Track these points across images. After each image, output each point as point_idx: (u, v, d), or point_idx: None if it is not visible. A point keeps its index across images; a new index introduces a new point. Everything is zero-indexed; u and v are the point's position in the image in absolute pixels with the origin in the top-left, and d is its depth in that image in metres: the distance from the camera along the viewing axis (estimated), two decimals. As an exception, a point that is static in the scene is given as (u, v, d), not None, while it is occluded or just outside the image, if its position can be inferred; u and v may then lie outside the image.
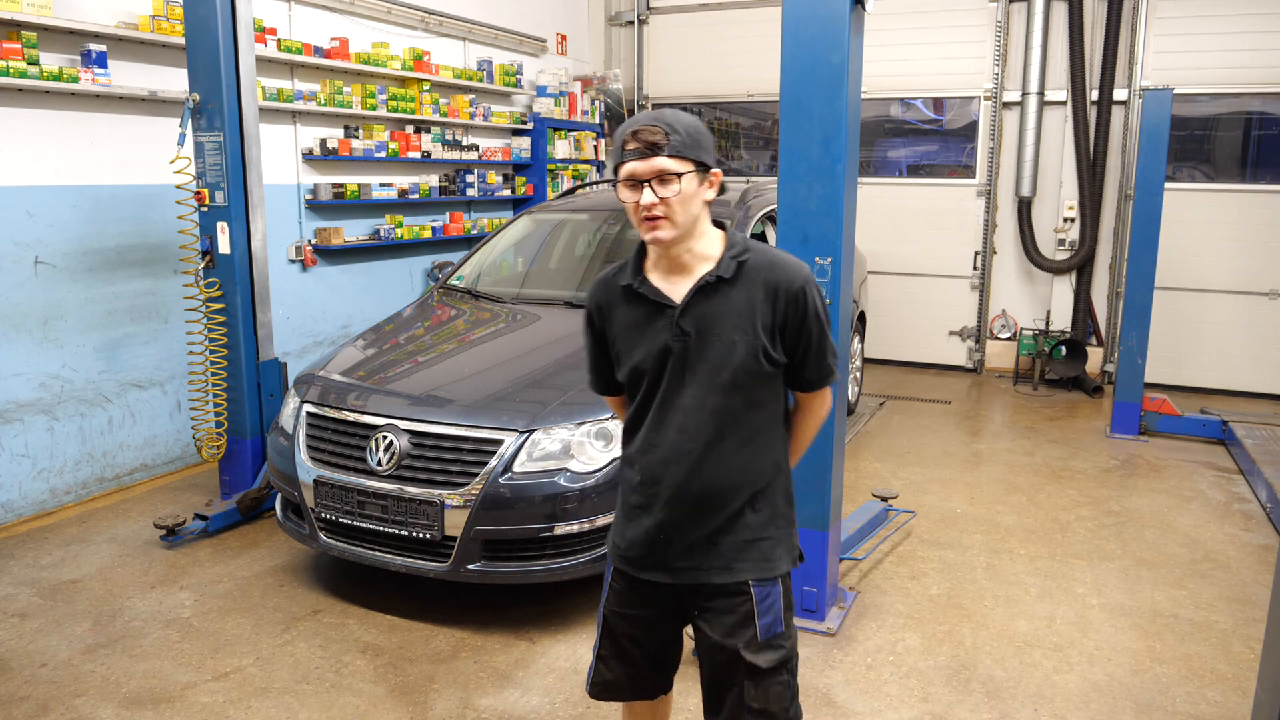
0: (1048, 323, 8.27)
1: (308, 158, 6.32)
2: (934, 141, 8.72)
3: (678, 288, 2.00)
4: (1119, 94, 7.87)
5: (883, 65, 8.13)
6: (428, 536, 3.60)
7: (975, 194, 8.48)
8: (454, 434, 3.68)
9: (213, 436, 4.77)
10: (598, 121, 9.32)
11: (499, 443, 3.62)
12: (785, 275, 1.98)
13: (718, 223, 2.06)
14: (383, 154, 6.75)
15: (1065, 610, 3.95)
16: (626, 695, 2.24)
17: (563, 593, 3.98)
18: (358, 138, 6.62)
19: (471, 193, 7.76)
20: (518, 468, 3.59)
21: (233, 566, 4.28)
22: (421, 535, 3.61)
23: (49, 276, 4.82)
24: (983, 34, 8.25)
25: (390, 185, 6.90)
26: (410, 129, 7.15)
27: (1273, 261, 7.57)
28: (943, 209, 8.60)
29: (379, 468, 3.69)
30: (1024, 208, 8.21)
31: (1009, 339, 8.53)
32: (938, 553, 4.52)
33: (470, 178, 7.74)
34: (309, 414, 4.01)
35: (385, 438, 3.71)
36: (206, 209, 4.69)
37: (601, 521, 3.62)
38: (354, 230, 6.82)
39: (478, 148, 7.84)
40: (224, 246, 4.70)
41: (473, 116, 7.70)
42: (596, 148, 9.28)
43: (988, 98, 8.31)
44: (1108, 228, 8.10)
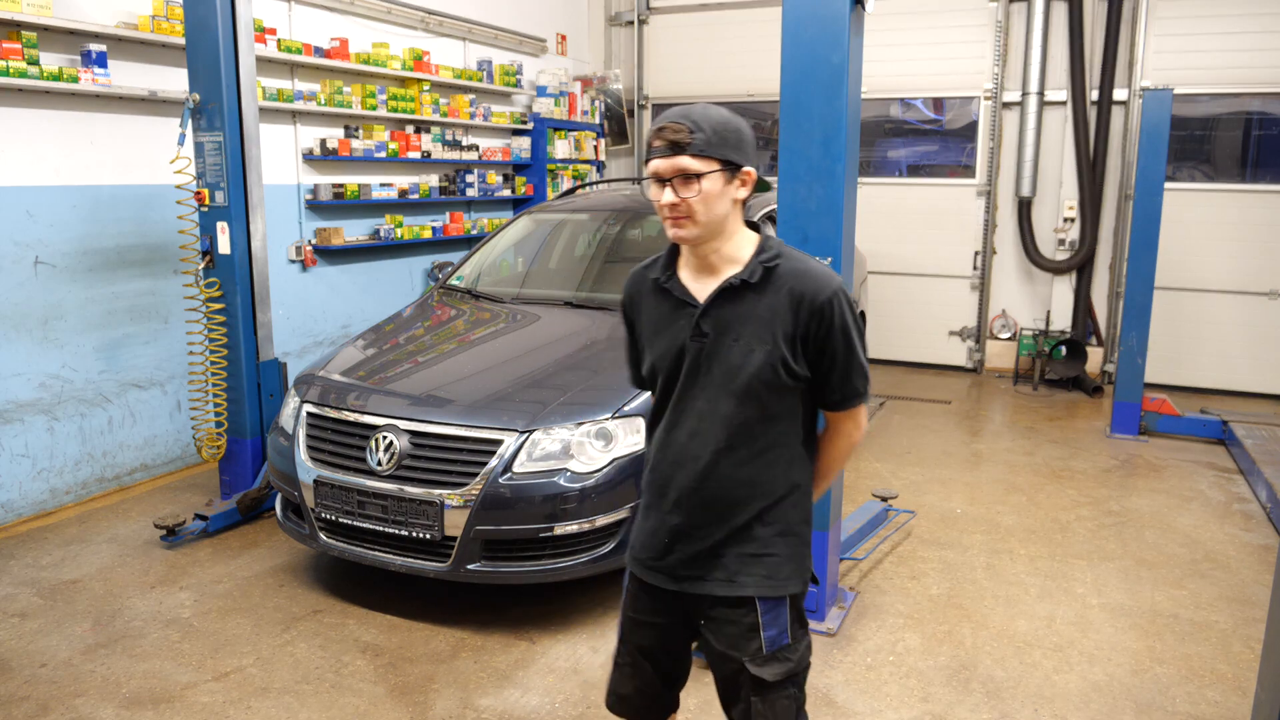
0: (1048, 323, 8.27)
1: (308, 158, 6.33)
2: (934, 141, 8.72)
3: (704, 288, 1.95)
4: (1119, 94, 7.87)
5: (883, 65, 8.13)
6: (428, 536, 3.60)
7: (975, 194, 8.48)
8: (454, 434, 3.69)
9: (213, 436, 4.77)
10: (598, 121, 9.32)
11: (499, 443, 3.62)
12: (813, 285, 1.90)
13: (753, 224, 1.99)
14: (383, 154, 6.75)
15: (1065, 610, 3.95)
16: (637, 713, 2.17)
17: (563, 593, 3.98)
18: (358, 138, 6.62)
19: (471, 193, 7.76)
20: (518, 468, 3.59)
21: (233, 566, 4.28)
22: (421, 535, 3.61)
23: (49, 276, 4.82)
24: (983, 34, 8.25)
25: (390, 185, 6.90)
26: (410, 129, 7.15)
27: (1273, 261, 7.57)
28: (943, 209, 8.60)
29: (379, 468, 3.69)
30: (1024, 208, 8.21)
31: (1009, 339, 8.53)
32: (938, 553, 4.52)
33: (470, 178, 7.74)
34: (309, 414, 4.02)
35: (385, 438, 3.71)
36: (206, 209, 4.70)
37: (601, 521, 3.63)
38: (354, 230, 6.82)
39: (478, 148, 7.84)
40: (224, 246, 4.70)
41: (473, 116, 7.70)
42: (596, 148, 9.28)
43: (988, 98, 8.31)
44: (1108, 228, 8.10)
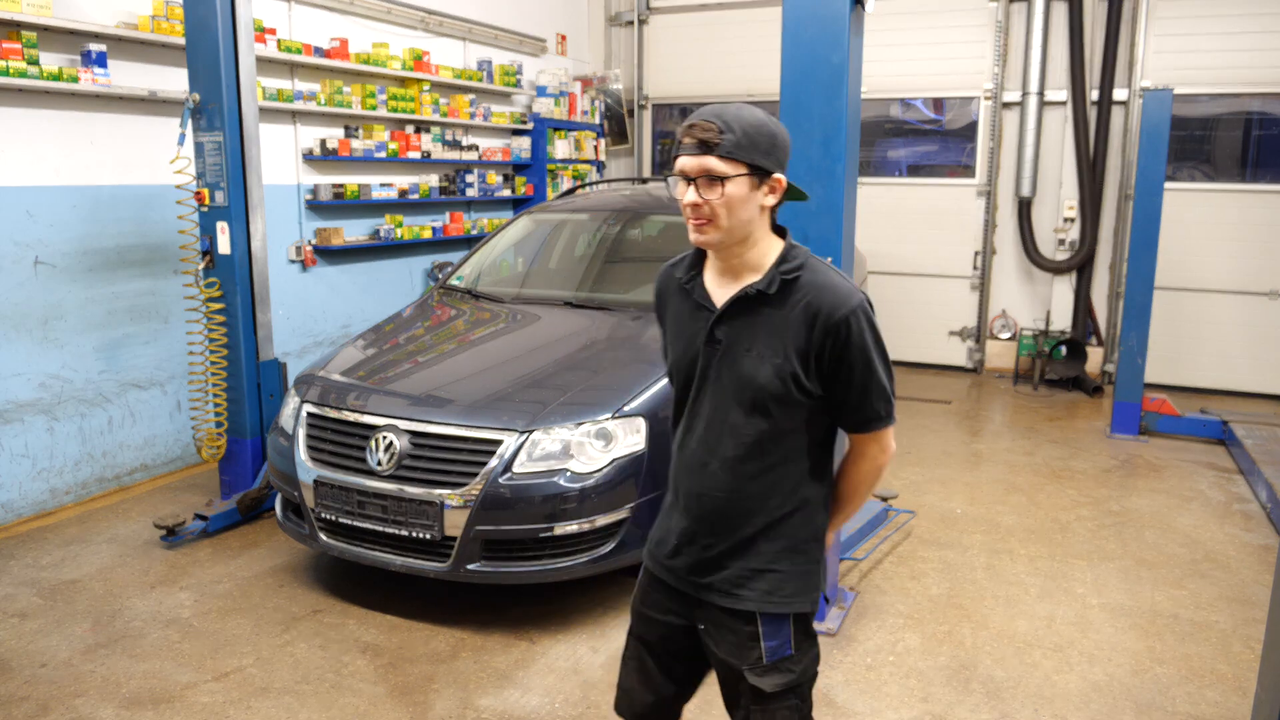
0: (1048, 323, 8.27)
1: (308, 158, 6.32)
2: (934, 141, 8.72)
3: (724, 293, 1.90)
4: (1119, 94, 7.87)
5: (883, 65, 8.13)
6: (428, 536, 3.60)
7: (975, 194, 8.48)
8: (454, 434, 3.68)
9: (213, 436, 4.76)
10: (598, 121, 9.32)
11: (499, 443, 3.62)
12: (830, 301, 1.81)
13: (781, 230, 1.93)
14: (383, 154, 6.75)
15: (1065, 610, 3.95)
16: (635, 709, 2.12)
17: (563, 593, 3.98)
18: (358, 138, 6.62)
19: (471, 193, 7.75)
20: (518, 468, 3.59)
21: (233, 566, 4.28)
22: (421, 535, 3.61)
23: (49, 276, 4.82)
24: (983, 34, 8.25)
25: (390, 185, 6.90)
26: (410, 129, 7.15)
27: (1273, 261, 7.57)
28: (943, 209, 8.60)
29: (379, 468, 3.69)
30: (1024, 208, 8.21)
31: (1009, 339, 8.53)
32: (938, 553, 4.52)
33: (470, 178, 7.74)
34: (309, 414, 4.01)
35: (385, 438, 3.71)
36: (206, 209, 4.69)
37: (601, 521, 3.63)
38: (354, 230, 6.82)
39: (478, 148, 7.84)
40: (224, 246, 4.70)
41: (473, 116, 7.70)
42: (596, 148, 9.28)
43: (988, 98, 8.31)
44: (1108, 228, 8.10)
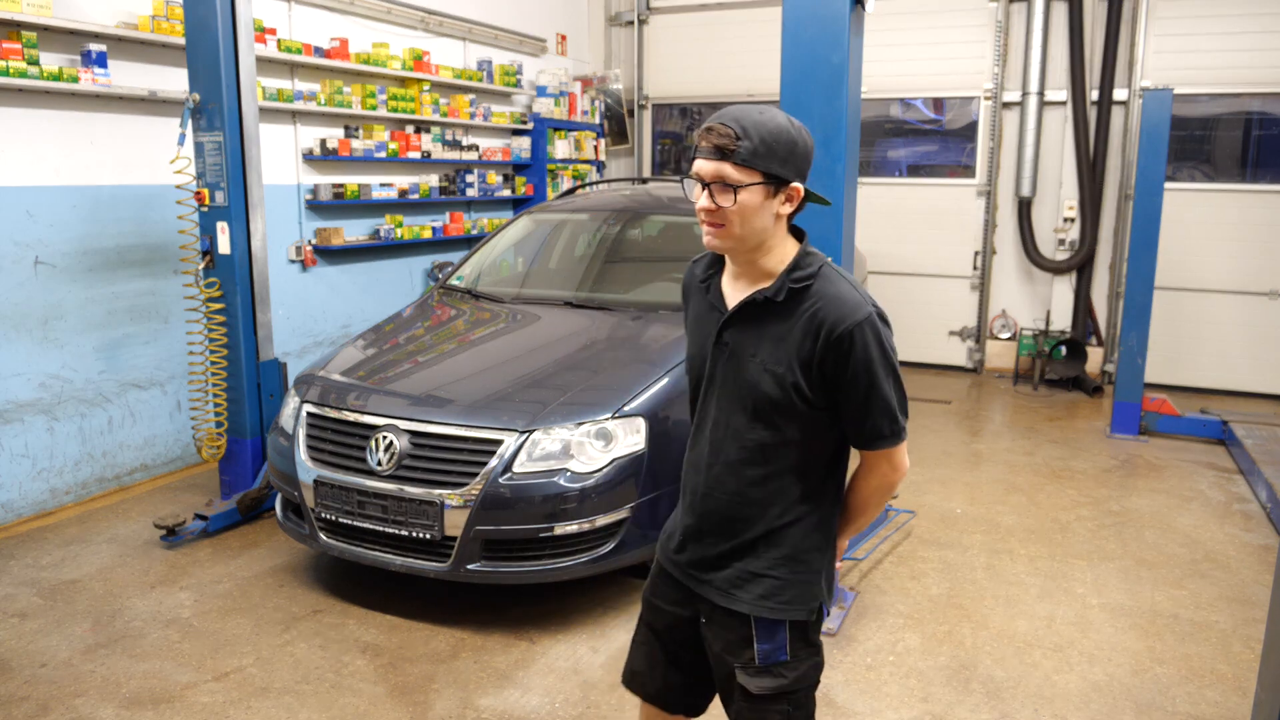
0: (1048, 323, 8.27)
1: (308, 158, 6.32)
2: (934, 141, 8.72)
3: (737, 295, 1.90)
4: (1119, 94, 7.87)
5: (883, 65, 8.13)
6: (428, 536, 3.60)
7: (975, 194, 8.48)
8: (454, 434, 3.68)
9: (213, 436, 4.77)
10: (598, 121, 9.32)
11: (499, 443, 3.62)
12: (835, 313, 1.78)
13: (799, 233, 1.91)
14: (383, 154, 6.75)
15: (1065, 610, 3.95)
16: (646, 690, 2.15)
17: (563, 593, 3.98)
18: (358, 138, 6.62)
19: (471, 193, 7.75)
20: (518, 468, 3.59)
21: (233, 566, 4.28)
22: (421, 535, 3.61)
23: (49, 276, 4.82)
24: (983, 34, 8.25)
25: (390, 185, 6.90)
26: (410, 129, 7.15)
27: (1273, 261, 7.57)
28: (943, 209, 8.60)
29: (379, 468, 3.69)
30: (1024, 208, 8.21)
31: (1009, 339, 8.53)
32: (938, 553, 4.52)
33: (470, 178, 7.74)
34: (309, 414, 4.01)
35: (385, 438, 3.71)
36: (206, 209, 4.69)
37: (601, 521, 3.63)
38: (354, 230, 6.82)
39: (478, 148, 7.83)
40: (224, 246, 4.70)
41: (473, 116, 7.70)
42: (596, 148, 9.28)
43: (988, 98, 8.31)
44: (1108, 228, 8.10)
